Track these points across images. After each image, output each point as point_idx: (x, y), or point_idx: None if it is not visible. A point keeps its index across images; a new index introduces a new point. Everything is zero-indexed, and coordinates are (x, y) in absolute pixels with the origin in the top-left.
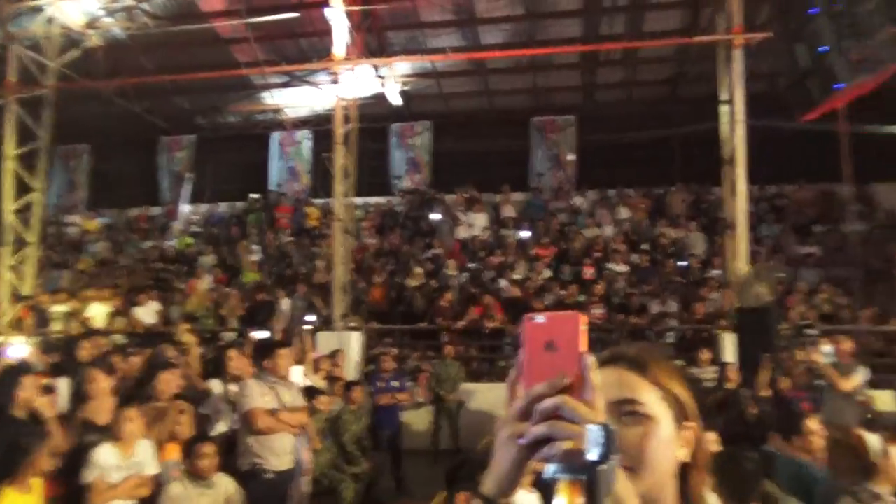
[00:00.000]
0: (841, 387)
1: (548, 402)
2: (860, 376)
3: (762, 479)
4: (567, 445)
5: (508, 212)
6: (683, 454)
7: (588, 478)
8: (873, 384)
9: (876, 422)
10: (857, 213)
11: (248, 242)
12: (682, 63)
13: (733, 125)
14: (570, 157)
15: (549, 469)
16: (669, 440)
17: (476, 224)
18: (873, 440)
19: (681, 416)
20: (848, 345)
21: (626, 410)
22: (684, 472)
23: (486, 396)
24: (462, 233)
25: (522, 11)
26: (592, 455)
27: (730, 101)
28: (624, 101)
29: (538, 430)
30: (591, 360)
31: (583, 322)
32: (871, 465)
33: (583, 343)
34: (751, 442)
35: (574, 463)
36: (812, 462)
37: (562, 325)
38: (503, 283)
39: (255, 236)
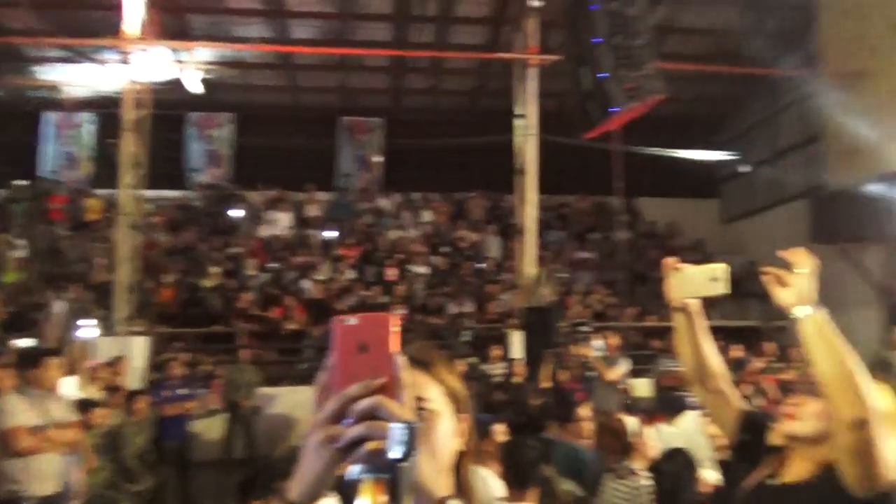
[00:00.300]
0: (607, 377)
1: (364, 403)
2: (623, 367)
3: (542, 464)
4: (371, 445)
5: (313, 211)
6: (459, 444)
7: (391, 476)
8: (634, 373)
9: (634, 406)
10: (625, 224)
11: (11, 236)
12: (484, 76)
13: (526, 138)
14: (377, 159)
15: (353, 470)
16: (451, 433)
17: (279, 223)
18: (631, 422)
19: (458, 409)
20: (614, 340)
21: (415, 407)
22: (458, 460)
23: (284, 401)
24: (264, 231)
25: (334, 10)
26: (396, 453)
27: (524, 116)
28: (430, 107)
29: (356, 431)
30: (403, 360)
31: (394, 323)
32: (629, 445)
33: (394, 344)
34: (533, 431)
35: (378, 462)
36: (583, 445)
37: (374, 326)
38: (306, 283)
39: (20, 229)
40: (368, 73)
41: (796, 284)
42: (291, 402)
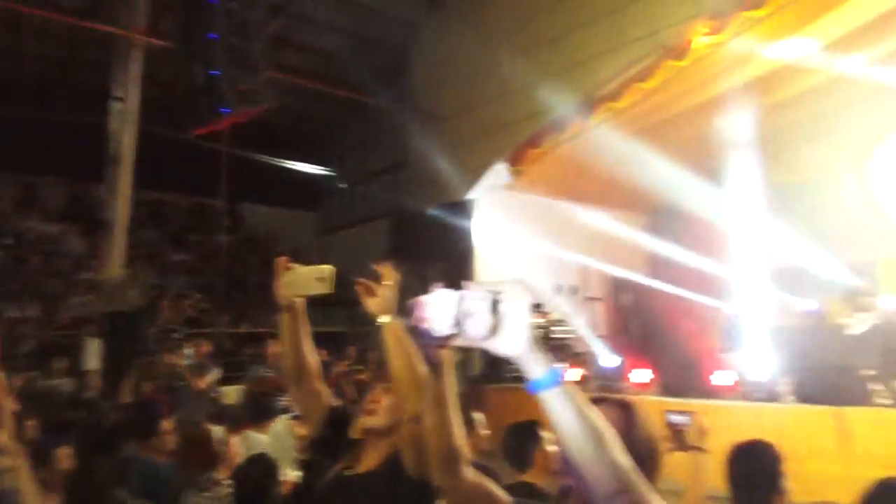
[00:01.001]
0: (196, 386)
1: None
2: (214, 375)
3: (114, 486)
4: None
5: None
6: None
7: None
8: (225, 381)
9: (222, 415)
10: (226, 227)
11: None
12: (77, 46)
13: (124, 125)
14: None
15: None
16: None
17: None
18: (217, 431)
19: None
20: (206, 347)
21: None
22: None
23: None
24: None
25: None
26: None
27: (122, 99)
28: (3, 70)
29: None
30: (3, 380)
31: None
32: (215, 455)
33: None
34: (107, 451)
35: None
36: (164, 460)
37: None
38: None
39: None
40: None
41: (382, 295)
42: None
